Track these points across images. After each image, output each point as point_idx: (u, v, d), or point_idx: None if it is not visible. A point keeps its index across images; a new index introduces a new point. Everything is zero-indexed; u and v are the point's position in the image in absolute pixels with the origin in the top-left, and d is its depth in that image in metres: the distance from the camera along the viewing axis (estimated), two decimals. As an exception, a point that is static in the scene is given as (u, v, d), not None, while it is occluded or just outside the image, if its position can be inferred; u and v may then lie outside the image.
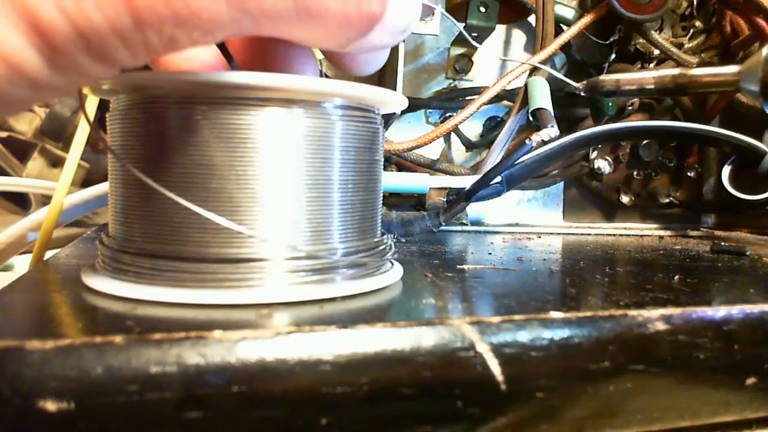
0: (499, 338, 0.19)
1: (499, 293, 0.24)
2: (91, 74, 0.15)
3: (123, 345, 0.16)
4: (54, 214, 0.36)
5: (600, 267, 0.31)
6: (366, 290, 0.22)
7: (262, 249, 0.21)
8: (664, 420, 0.21)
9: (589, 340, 0.20)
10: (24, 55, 0.14)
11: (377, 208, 0.25)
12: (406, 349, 0.18)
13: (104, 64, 0.15)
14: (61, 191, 0.36)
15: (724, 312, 0.22)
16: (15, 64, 0.14)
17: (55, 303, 0.21)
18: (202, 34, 0.15)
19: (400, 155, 0.47)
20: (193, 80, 0.20)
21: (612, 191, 0.55)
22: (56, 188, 0.37)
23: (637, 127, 0.45)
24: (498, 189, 0.39)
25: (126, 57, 0.15)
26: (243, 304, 0.20)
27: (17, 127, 0.87)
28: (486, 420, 0.19)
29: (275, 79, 0.20)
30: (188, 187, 0.20)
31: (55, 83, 0.15)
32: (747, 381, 0.22)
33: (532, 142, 0.38)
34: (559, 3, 0.48)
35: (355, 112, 0.23)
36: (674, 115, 0.54)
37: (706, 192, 0.56)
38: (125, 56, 0.15)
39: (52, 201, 0.36)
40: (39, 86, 0.15)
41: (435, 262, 0.31)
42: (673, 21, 0.52)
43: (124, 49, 0.15)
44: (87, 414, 0.15)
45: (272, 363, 0.17)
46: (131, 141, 0.21)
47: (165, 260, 0.21)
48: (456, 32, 0.49)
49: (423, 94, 0.52)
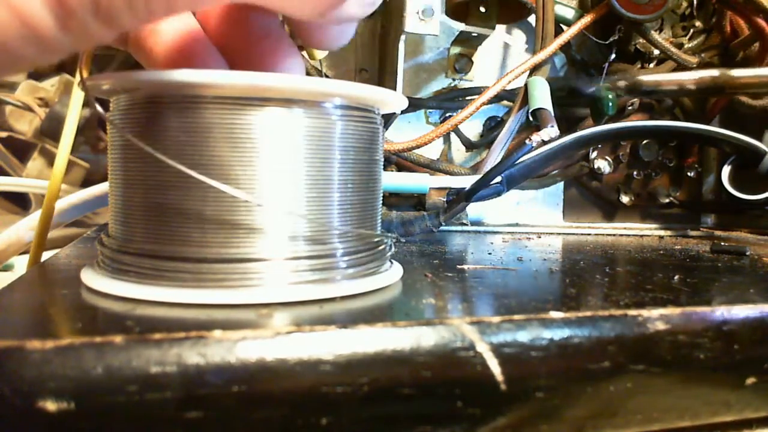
0: (499, 338, 0.19)
1: (499, 293, 0.24)
2: (96, 37, 0.16)
3: (123, 345, 0.16)
4: (50, 203, 0.35)
5: (600, 267, 0.31)
6: (366, 290, 0.22)
7: (261, 249, 0.21)
8: (664, 420, 0.21)
9: (589, 340, 0.20)
10: (39, 15, 0.15)
11: (377, 208, 0.25)
12: (406, 349, 0.18)
13: (110, 27, 0.16)
14: (57, 178, 0.35)
15: (724, 312, 0.22)
16: (30, 23, 0.15)
17: (55, 303, 0.21)
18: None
19: (400, 155, 0.47)
20: (193, 80, 0.20)
21: (612, 191, 0.55)
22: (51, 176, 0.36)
23: (637, 127, 0.45)
24: (498, 189, 0.39)
25: (129, 20, 0.16)
26: (243, 304, 0.20)
27: (17, 127, 0.87)
28: (486, 420, 0.19)
29: (275, 80, 0.20)
30: (187, 187, 0.20)
31: (62, 44, 0.16)
32: (747, 381, 0.22)
33: (532, 142, 0.38)
34: (559, 3, 0.48)
35: (355, 112, 0.23)
36: (674, 115, 0.54)
37: (706, 192, 0.56)
38: (129, 19, 0.16)
39: (47, 191, 0.36)
40: (47, 46, 0.16)
41: (435, 262, 0.31)
42: (673, 21, 0.52)
43: (129, 12, 0.16)
44: (87, 414, 0.15)
45: (272, 363, 0.17)
46: (131, 141, 0.21)
47: (165, 260, 0.21)
48: (456, 32, 0.49)
49: (423, 94, 0.52)
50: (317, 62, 0.47)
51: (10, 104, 0.84)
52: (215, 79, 0.19)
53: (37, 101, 0.85)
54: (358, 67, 0.52)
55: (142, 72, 0.20)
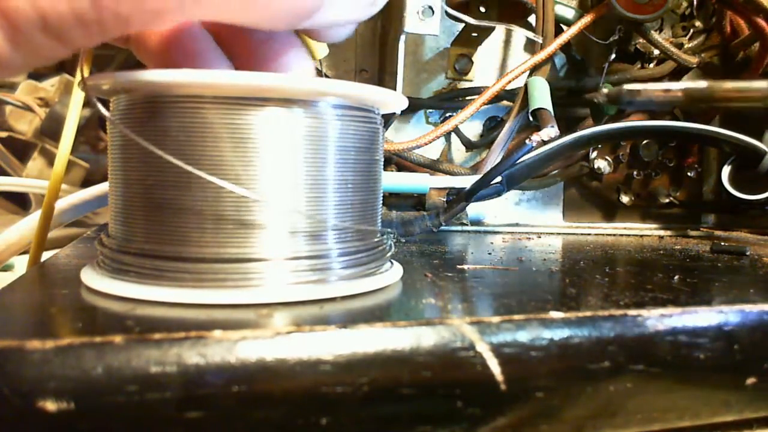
0: (498, 338, 0.19)
1: (499, 293, 0.24)
2: (50, 53, 0.16)
3: (123, 345, 0.16)
4: (50, 203, 0.35)
5: (600, 267, 0.31)
6: (366, 290, 0.22)
7: (261, 249, 0.21)
8: (664, 420, 0.21)
9: (589, 340, 0.20)
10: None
11: (377, 208, 0.25)
12: (405, 349, 0.18)
13: (62, 43, 0.16)
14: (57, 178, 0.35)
15: (724, 312, 0.22)
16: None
17: (55, 303, 0.21)
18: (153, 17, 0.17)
19: (400, 155, 0.47)
20: (192, 80, 0.20)
21: (612, 191, 0.55)
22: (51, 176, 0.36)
23: (637, 127, 0.45)
24: (498, 189, 0.39)
25: (82, 38, 0.16)
26: (243, 304, 0.20)
27: (17, 127, 0.87)
28: (486, 420, 0.19)
29: (275, 79, 0.20)
30: (187, 187, 0.20)
31: (14, 61, 0.16)
32: (747, 381, 0.22)
33: (532, 142, 0.38)
34: (559, 3, 0.48)
35: (355, 112, 0.23)
36: (674, 115, 0.54)
37: (706, 192, 0.56)
38: (81, 37, 0.16)
39: (47, 191, 0.36)
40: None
41: (435, 262, 0.31)
42: (673, 21, 0.52)
43: (80, 30, 0.16)
44: (87, 414, 0.15)
45: (272, 363, 0.17)
46: (131, 141, 0.21)
47: (165, 260, 0.21)
48: (456, 32, 0.49)
49: (423, 94, 0.52)
50: (317, 62, 0.47)
51: (10, 104, 0.84)
52: (215, 79, 0.19)
53: (37, 101, 0.85)
54: (358, 67, 0.52)
55: (142, 72, 0.20)
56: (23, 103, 0.84)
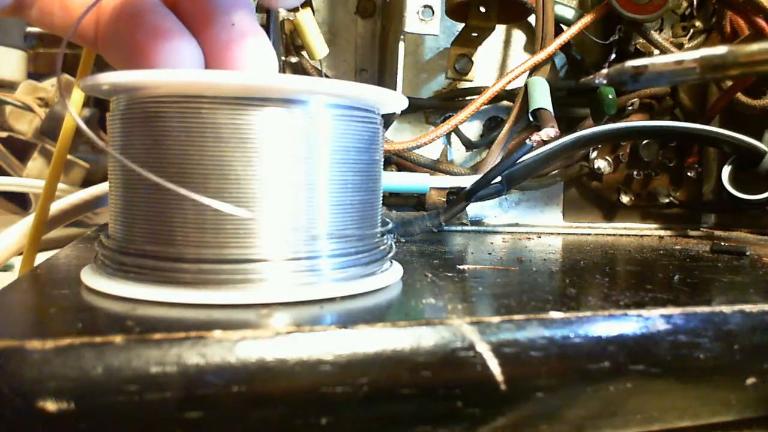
0: (498, 338, 0.19)
1: (499, 293, 0.24)
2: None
3: (123, 345, 0.16)
4: (45, 204, 0.35)
5: (600, 267, 0.31)
6: (366, 290, 0.22)
7: (262, 249, 0.21)
8: (664, 420, 0.21)
9: (589, 340, 0.20)
10: None
11: (377, 208, 0.25)
12: (405, 349, 0.18)
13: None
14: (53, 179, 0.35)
15: (724, 312, 0.22)
16: None
17: (56, 303, 0.21)
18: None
19: (400, 155, 0.48)
20: (192, 80, 0.20)
21: (612, 191, 0.55)
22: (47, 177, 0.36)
23: (637, 127, 0.45)
24: (498, 189, 0.39)
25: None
26: (243, 304, 0.20)
27: (17, 127, 0.87)
28: (486, 420, 0.19)
29: (275, 80, 0.20)
30: (187, 187, 0.20)
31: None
32: (747, 381, 0.22)
33: (532, 142, 0.38)
34: (559, 3, 0.48)
35: (354, 112, 0.23)
36: (674, 115, 0.54)
37: (706, 192, 0.56)
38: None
39: (42, 192, 0.36)
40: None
41: (435, 262, 0.31)
42: (673, 21, 0.52)
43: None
44: (87, 414, 0.15)
45: (272, 363, 0.17)
46: (131, 141, 0.21)
47: (165, 260, 0.21)
48: (456, 32, 0.49)
49: (423, 94, 0.52)
50: (317, 62, 0.47)
51: (10, 104, 0.84)
52: (215, 80, 0.19)
53: (37, 101, 0.85)
54: (358, 67, 0.52)
55: (142, 72, 0.20)
56: (23, 103, 0.84)
